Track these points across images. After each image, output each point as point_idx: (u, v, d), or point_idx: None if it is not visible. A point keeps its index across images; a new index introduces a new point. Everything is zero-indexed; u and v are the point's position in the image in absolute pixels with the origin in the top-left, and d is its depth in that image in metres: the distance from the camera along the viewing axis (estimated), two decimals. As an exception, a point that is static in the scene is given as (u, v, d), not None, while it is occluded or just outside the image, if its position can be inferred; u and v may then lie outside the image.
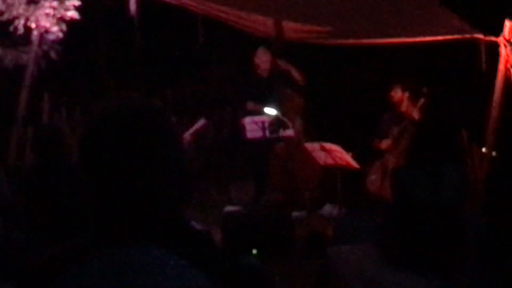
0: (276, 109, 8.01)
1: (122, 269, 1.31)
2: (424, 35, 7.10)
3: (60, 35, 7.97)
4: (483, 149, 7.23)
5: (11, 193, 5.14)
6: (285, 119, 8.03)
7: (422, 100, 7.65)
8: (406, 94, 7.81)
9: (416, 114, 7.69)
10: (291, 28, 8.12)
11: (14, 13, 7.75)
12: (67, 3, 7.92)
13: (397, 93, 7.86)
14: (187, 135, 7.67)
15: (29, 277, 1.44)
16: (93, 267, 1.33)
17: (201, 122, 8.05)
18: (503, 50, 6.74)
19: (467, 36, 6.90)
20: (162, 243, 1.35)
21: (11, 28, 7.79)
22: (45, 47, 8.11)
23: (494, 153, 7.15)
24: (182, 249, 1.36)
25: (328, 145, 7.35)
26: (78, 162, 1.41)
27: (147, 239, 1.35)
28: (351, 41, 7.82)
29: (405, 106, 7.79)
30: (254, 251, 6.34)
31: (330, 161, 7.37)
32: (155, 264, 1.32)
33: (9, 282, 3.92)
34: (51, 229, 4.68)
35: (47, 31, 7.92)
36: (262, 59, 8.36)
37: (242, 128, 8.26)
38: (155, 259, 1.32)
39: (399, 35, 7.25)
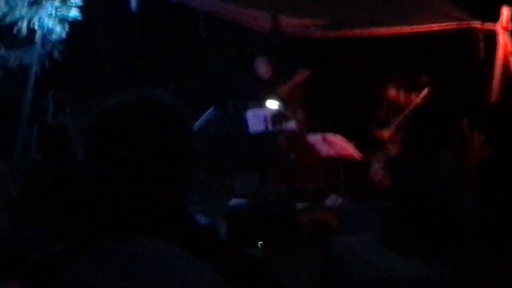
0: (278, 102, 8.06)
1: (126, 263, 1.33)
2: (421, 24, 7.11)
3: (63, 34, 8.01)
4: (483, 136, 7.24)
5: (17, 190, 5.19)
6: (287, 112, 8.07)
7: (425, 91, 7.64)
8: (401, 92, 7.81)
9: (418, 102, 7.69)
10: (288, 22, 8.15)
11: (17, 14, 7.80)
12: (69, 3, 7.96)
13: (392, 92, 7.86)
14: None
15: (34, 272, 1.44)
16: (97, 262, 1.35)
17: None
18: (501, 38, 6.76)
19: (464, 24, 6.93)
20: (166, 237, 1.36)
21: (15, 30, 7.84)
22: (48, 47, 8.15)
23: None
24: (186, 242, 1.36)
25: (330, 136, 7.39)
26: (82, 157, 1.42)
27: (151, 232, 1.36)
28: (347, 32, 7.84)
29: (403, 99, 7.80)
30: (260, 244, 6.39)
31: (332, 152, 7.40)
32: (159, 257, 1.33)
33: (14, 280, 3.97)
34: (57, 226, 4.72)
35: (50, 31, 7.97)
36: (261, 70, 8.43)
37: (245, 122, 8.31)
38: (159, 253, 1.33)
39: (396, 25, 7.27)
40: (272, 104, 8.05)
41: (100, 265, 1.34)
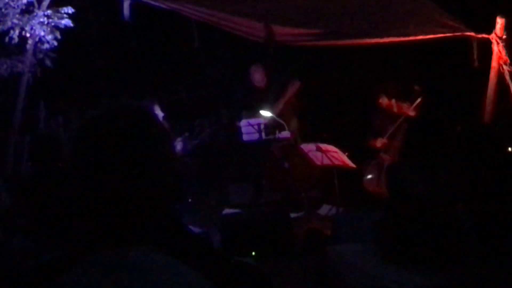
0: (271, 111, 8.05)
1: (120, 272, 1.33)
2: (416, 34, 7.11)
3: (55, 43, 7.98)
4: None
5: (9, 199, 5.16)
6: (280, 121, 8.06)
7: (419, 100, 7.67)
8: (393, 100, 7.83)
9: (412, 112, 7.71)
10: (282, 31, 8.15)
11: (9, 23, 7.77)
12: (61, 11, 7.93)
13: (384, 100, 7.89)
14: None
15: (27, 282, 1.44)
16: (91, 271, 1.34)
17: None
18: (495, 47, 6.76)
19: (459, 34, 6.93)
20: (160, 246, 1.36)
21: (6, 39, 7.81)
22: (40, 56, 8.12)
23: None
24: (179, 251, 1.37)
25: (324, 146, 7.38)
26: (70, 166, 1.43)
27: (143, 242, 1.36)
28: (342, 41, 7.84)
29: (395, 108, 7.82)
30: (253, 254, 6.36)
31: (327, 161, 7.39)
32: (152, 266, 1.33)
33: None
34: (50, 235, 4.70)
35: (41, 39, 7.94)
36: (256, 77, 8.43)
37: (238, 131, 8.30)
38: (152, 262, 1.33)
39: (390, 35, 7.26)
40: (266, 113, 8.03)
41: (93, 274, 1.34)
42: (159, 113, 7.46)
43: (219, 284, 1.35)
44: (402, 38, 7.22)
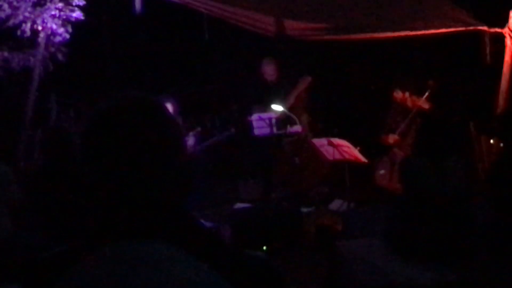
0: (282, 106, 8.04)
1: (129, 265, 1.32)
2: (427, 28, 7.08)
3: (67, 36, 7.99)
4: (491, 141, 7.21)
5: (20, 193, 5.18)
6: (292, 115, 8.04)
7: (427, 93, 7.65)
8: (407, 94, 7.80)
9: (425, 105, 7.68)
10: (293, 25, 8.13)
11: (21, 17, 7.77)
12: (73, 4, 7.93)
13: (399, 94, 7.86)
14: None
15: (36, 274, 1.44)
16: (100, 265, 1.34)
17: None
18: (508, 41, 6.72)
19: (471, 28, 6.88)
20: (170, 240, 1.35)
21: (18, 32, 7.82)
22: (52, 49, 8.13)
23: (501, 144, 7.14)
24: (190, 245, 1.36)
25: (335, 140, 7.35)
26: (81, 159, 1.43)
27: (153, 235, 1.36)
28: (354, 35, 7.82)
29: (410, 102, 7.79)
30: (264, 248, 6.36)
31: (338, 156, 7.36)
32: (162, 259, 1.32)
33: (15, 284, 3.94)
34: (60, 228, 4.72)
35: (53, 33, 7.94)
36: (268, 71, 8.41)
37: (250, 125, 8.29)
38: (162, 255, 1.33)
39: (401, 29, 7.24)
40: (277, 107, 8.02)
41: (103, 268, 1.33)
42: (170, 108, 7.47)
43: (230, 278, 1.35)
44: (413, 32, 7.20)
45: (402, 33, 7.27)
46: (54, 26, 7.84)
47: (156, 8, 8.87)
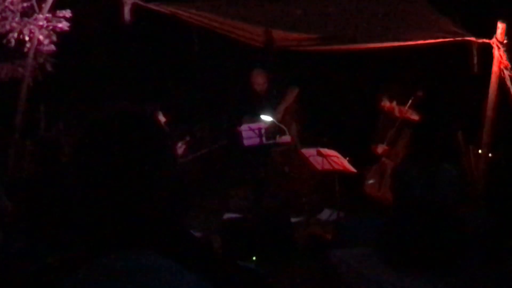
0: (272, 116, 8.05)
1: (120, 276, 1.32)
2: (417, 39, 7.12)
3: (52, 47, 7.97)
4: (479, 151, 7.25)
5: (10, 203, 5.16)
6: (281, 125, 8.06)
7: (411, 101, 7.65)
8: (394, 103, 7.82)
9: (412, 115, 7.70)
10: (282, 36, 8.16)
11: (8, 27, 7.76)
12: (60, 15, 7.92)
13: (386, 103, 7.88)
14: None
15: (27, 286, 1.44)
16: (92, 275, 1.34)
17: None
18: (496, 52, 6.77)
19: (459, 38, 6.93)
20: (160, 250, 1.36)
21: (5, 41, 7.80)
22: (40, 60, 8.11)
23: (490, 154, 7.18)
24: (180, 255, 1.37)
25: (324, 150, 7.36)
26: (71, 169, 1.44)
27: (143, 246, 1.36)
28: (343, 46, 7.86)
29: (397, 111, 7.81)
30: (254, 258, 6.35)
31: (327, 166, 7.37)
32: (153, 270, 1.33)
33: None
34: (50, 239, 4.69)
35: (40, 43, 7.93)
36: (257, 81, 8.42)
37: (239, 135, 8.29)
38: (153, 265, 1.33)
39: (389, 40, 7.28)
40: (267, 118, 8.03)
41: (95, 279, 1.33)
42: (161, 118, 7.47)
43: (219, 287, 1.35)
44: (401, 43, 7.24)
45: (391, 44, 7.31)
46: (41, 37, 7.83)
47: (146, 19, 8.87)
